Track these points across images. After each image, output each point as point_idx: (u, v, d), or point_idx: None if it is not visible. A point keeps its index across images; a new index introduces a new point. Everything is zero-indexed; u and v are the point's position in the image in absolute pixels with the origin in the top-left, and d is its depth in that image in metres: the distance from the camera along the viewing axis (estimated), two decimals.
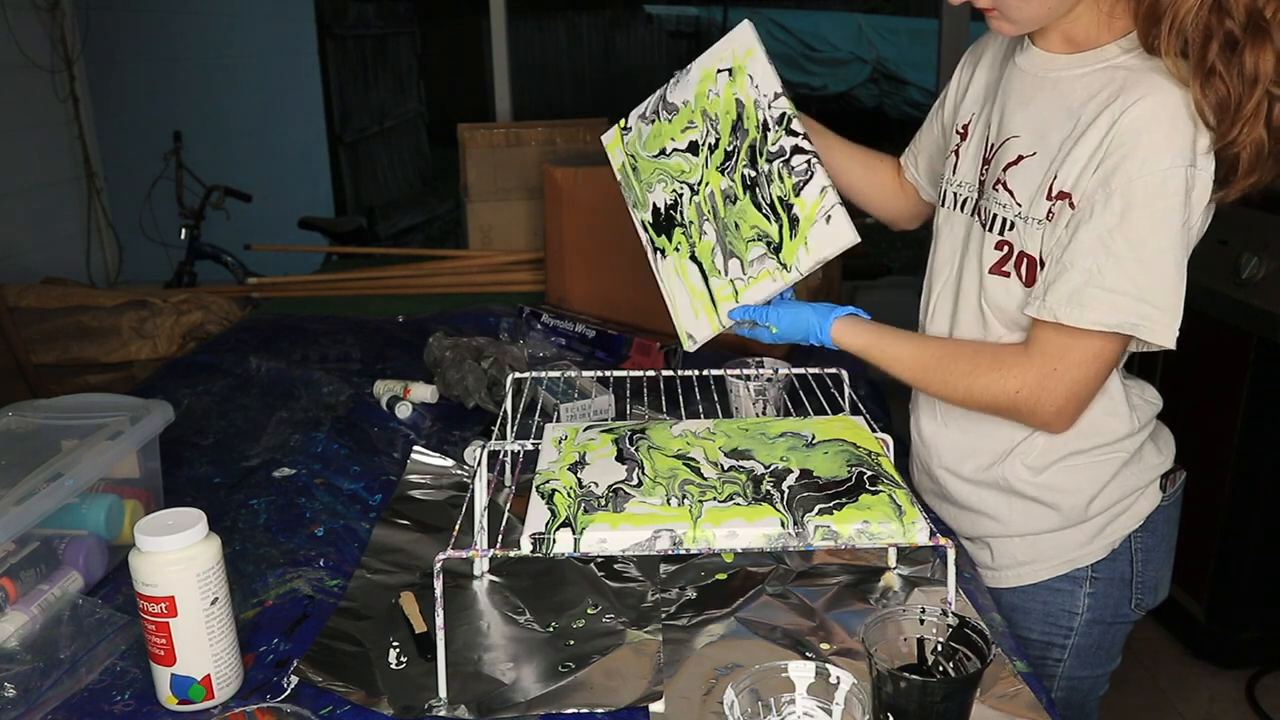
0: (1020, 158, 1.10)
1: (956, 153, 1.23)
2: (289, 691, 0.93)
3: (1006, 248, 1.11)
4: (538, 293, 2.26)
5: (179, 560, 0.88)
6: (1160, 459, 1.19)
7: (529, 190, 2.47)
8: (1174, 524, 1.23)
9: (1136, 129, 0.98)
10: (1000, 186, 1.12)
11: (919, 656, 0.84)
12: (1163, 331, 1.01)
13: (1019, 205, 1.09)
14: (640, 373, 1.29)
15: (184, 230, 3.89)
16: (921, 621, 0.84)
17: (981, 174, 1.17)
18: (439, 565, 0.87)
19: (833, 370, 1.24)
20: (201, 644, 0.90)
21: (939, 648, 0.84)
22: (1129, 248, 0.99)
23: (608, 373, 1.28)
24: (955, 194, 1.22)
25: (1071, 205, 1.04)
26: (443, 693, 0.91)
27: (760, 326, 1.16)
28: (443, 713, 0.90)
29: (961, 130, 1.23)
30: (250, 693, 0.94)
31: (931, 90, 4.46)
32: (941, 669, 0.84)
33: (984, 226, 1.14)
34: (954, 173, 1.22)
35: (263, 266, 3.78)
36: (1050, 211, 1.06)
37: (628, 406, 1.33)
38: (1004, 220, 1.11)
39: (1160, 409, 1.21)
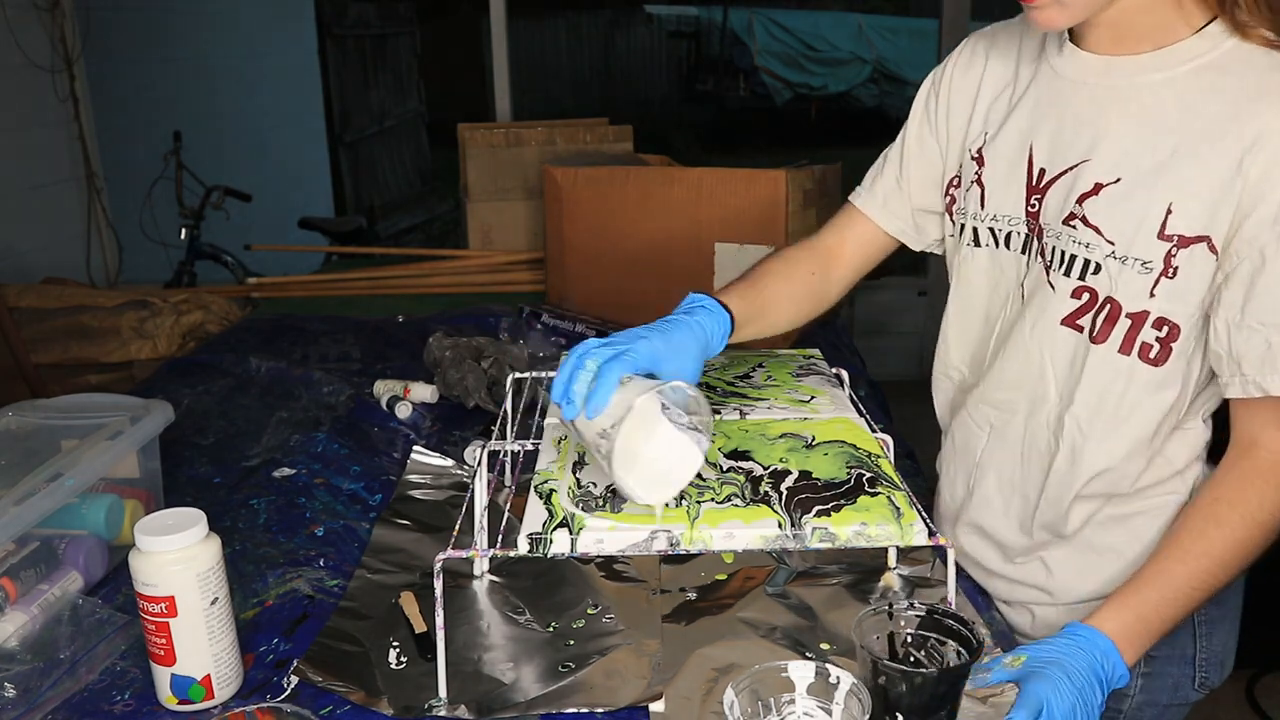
0: (1099, 186, 0.93)
1: (979, 182, 1.05)
2: (289, 691, 0.93)
3: (1087, 295, 0.95)
4: (538, 293, 2.26)
5: (179, 560, 0.88)
6: None
7: (529, 190, 2.48)
8: (1240, 585, 1.08)
9: None
10: (1078, 222, 0.95)
11: (890, 651, 0.85)
12: None
13: (1110, 243, 0.92)
14: None
15: (184, 230, 3.89)
16: (890, 615, 0.85)
17: (1031, 205, 1.00)
18: (439, 565, 0.87)
19: (834, 370, 1.24)
20: (201, 644, 0.90)
21: (909, 639, 0.85)
22: None
23: None
24: (994, 230, 1.05)
25: (1214, 251, 0.88)
26: (443, 693, 0.91)
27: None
28: (443, 713, 0.90)
29: (978, 155, 1.06)
30: (250, 693, 0.94)
31: None
32: (913, 659, 0.85)
33: (1049, 269, 0.98)
34: (983, 205, 1.05)
35: (263, 266, 3.78)
36: (1169, 257, 0.90)
37: None
38: (1086, 262, 0.95)
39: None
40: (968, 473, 1.14)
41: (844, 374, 1.21)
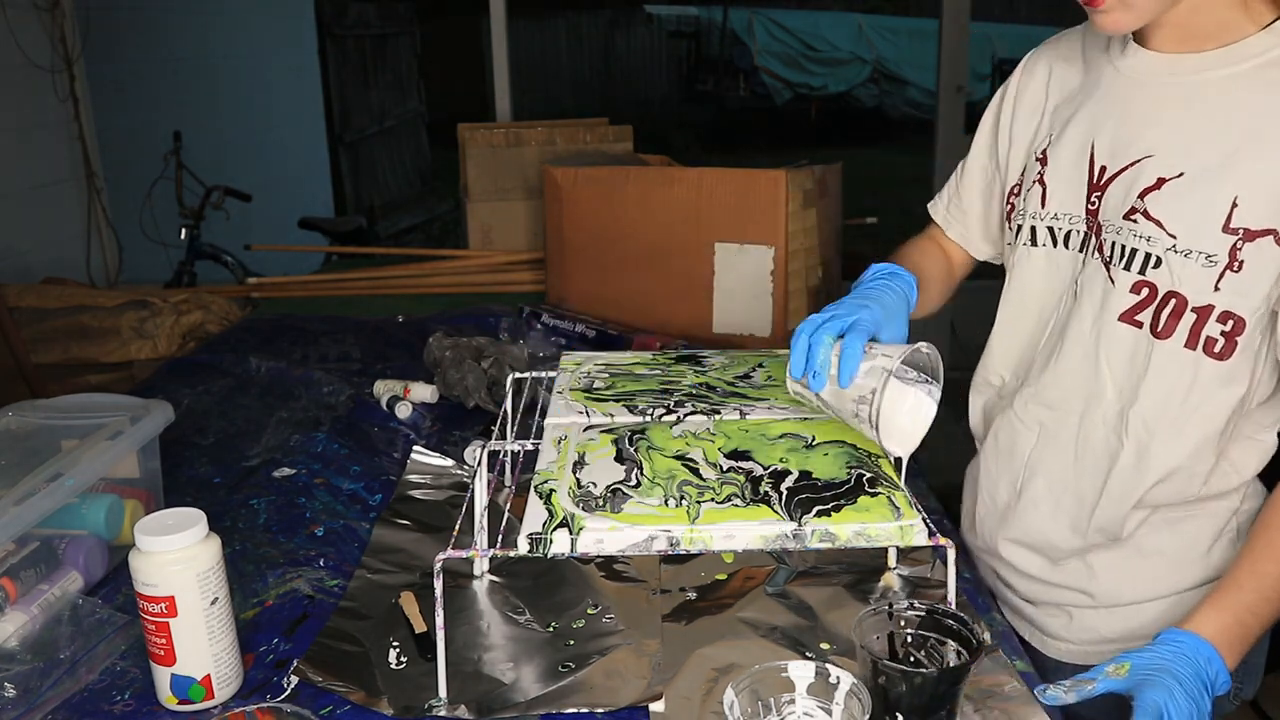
0: (1161, 180, 0.94)
1: (1041, 181, 1.06)
2: (289, 691, 0.93)
3: (1147, 289, 0.95)
4: (538, 293, 2.26)
5: (179, 560, 0.88)
6: None
7: (529, 190, 2.48)
8: None
9: None
10: (1140, 216, 0.95)
11: (890, 651, 0.86)
12: None
13: (1171, 237, 0.93)
14: None
15: (184, 230, 3.89)
16: (890, 615, 0.85)
17: (1091, 202, 1.01)
18: (439, 565, 0.87)
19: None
20: (201, 644, 0.90)
21: (909, 639, 0.86)
22: None
23: None
24: (1052, 229, 1.05)
25: None
26: (443, 693, 0.91)
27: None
28: (443, 713, 0.90)
29: (1041, 156, 1.06)
30: (250, 693, 0.94)
31: (931, 90, 4.45)
32: (913, 659, 0.86)
33: (1108, 264, 0.98)
34: (1044, 204, 1.05)
35: (263, 266, 3.78)
36: (1235, 250, 0.90)
37: None
38: (1148, 256, 0.95)
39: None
40: (1014, 475, 1.12)
41: None
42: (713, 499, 0.89)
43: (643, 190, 1.89)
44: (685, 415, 1.07)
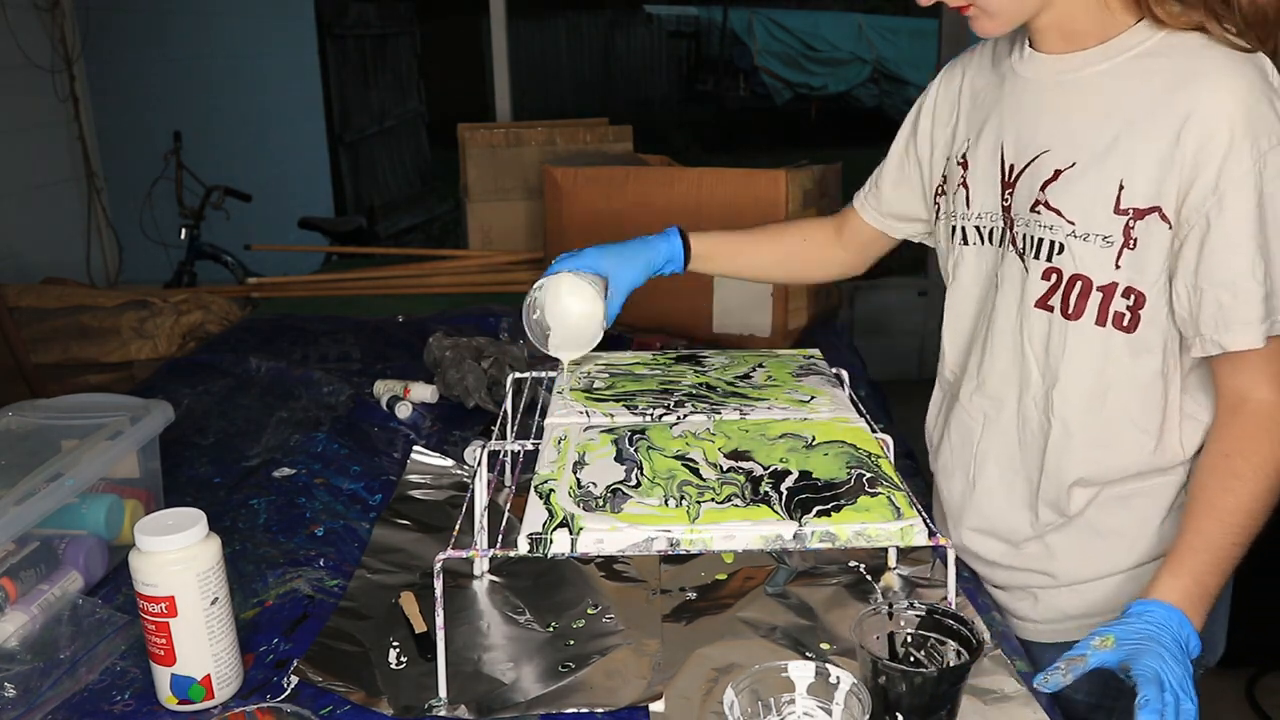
0: (1058, 172, 1.01)
1: (965, 185, 1.13)
2: (289, 691, 0.93)
3: (1055, 275, 1.02)
4: None
5: (179, 560, 0.88)
6: None
7: (529, 190, 2.48)
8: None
9: (1215, 124, 0.91)
10: (1042, 207, 1.02)
11: (890, 651, 0.86)
12: None
13: (1070, 223, 1.00)
14: None
15: (184, 230, 3.89)
16: (890, 615, 0.85)
17: (1005, 199, 1.07)
18: (439, 565, 0.87)
19: (834, 370, 1.24)
20: (201, 644, 0.90)
21: (909, 639, 0.86)
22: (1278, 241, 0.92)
23: None
24: (979, 228, 1.12)
25: (1166, 220, 0.95)
26: (443, 693, 0.91)
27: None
28: (443, 713, 0.90)
29: (962, 160, 1.13)
30: (250, 693, 0.94)
31: None
32: (913, 659, 0.86)
33: (1023, 255, 1.05)
34: (969, 205, 1.12)
35: (263, 266, 3.78)
36: (1128, 229, 0.96)
37: None
38: (1052, 244, 1.01)
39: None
40: (966, 466, 1.17)
41: (844, 374, 1.21)
42: (713, 499, 0.89)
43: (643, 190, 1.89)
44: (685, 415, 1.08)
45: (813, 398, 1.12)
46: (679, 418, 1.07)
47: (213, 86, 5.08)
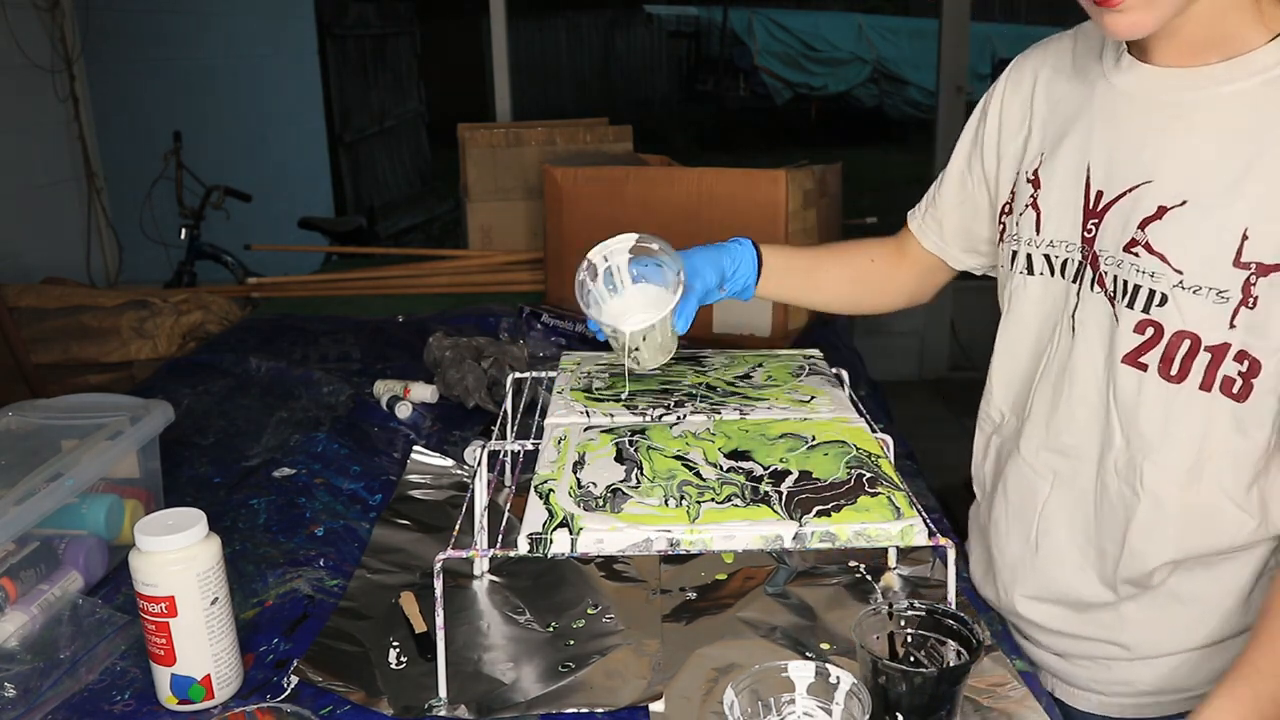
0: (1162, 210, 0.86)
1: (1035, 206, 0.98)
2: (289, 691, 0.93)
3: (1152, 329, 0.88)
4: (538, 293, 2.26)
5: (179, 560, 0.88)
6: None
7: (529, 190, 2.48)
8: None
9: None
10: (1141, 249, 0.87)
11: (890, 651, 0.86)
12: None
13: (1178, 273, 0.85)
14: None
15: (184, 230, 3.89)
16: (890, 615, 0.85)
17: (1087, 230, 0.93)
18: (439, 565, 0.87)
19: (834, 370, 1.24)
20: (201, 644, 0.90)
21: (909, 639, 0.86)
22: None
23: None
24: (1049, 256, 0.98)
25: None
26: (443, 693, 0.91)
27: None
28: (443, 713, 0.90)
29: (1033, 177, 0.99)
30: (250, 693, 0.94)
31: (931, 90, 4.45)
32: (913, 659, 0.86)
33: (1111, 300, 0.91)
34: (1038, 230, 0.98)
35: (263, 266, 3.78)
36: (1249, 285, 0.82)
37: None
38: (1152, 293, 0.87)
39: None
40: (1027, 527, 1.04)
41: (844, 374, 1.21)
42: (713, 499, 0.89)
43: (643, 190, 1.89)
44: (685, 415, 1.08)
45: (813, 398, 1.12)
46: (679, 418, 1.07)
47: (213, 86, 5.08)
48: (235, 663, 0.93)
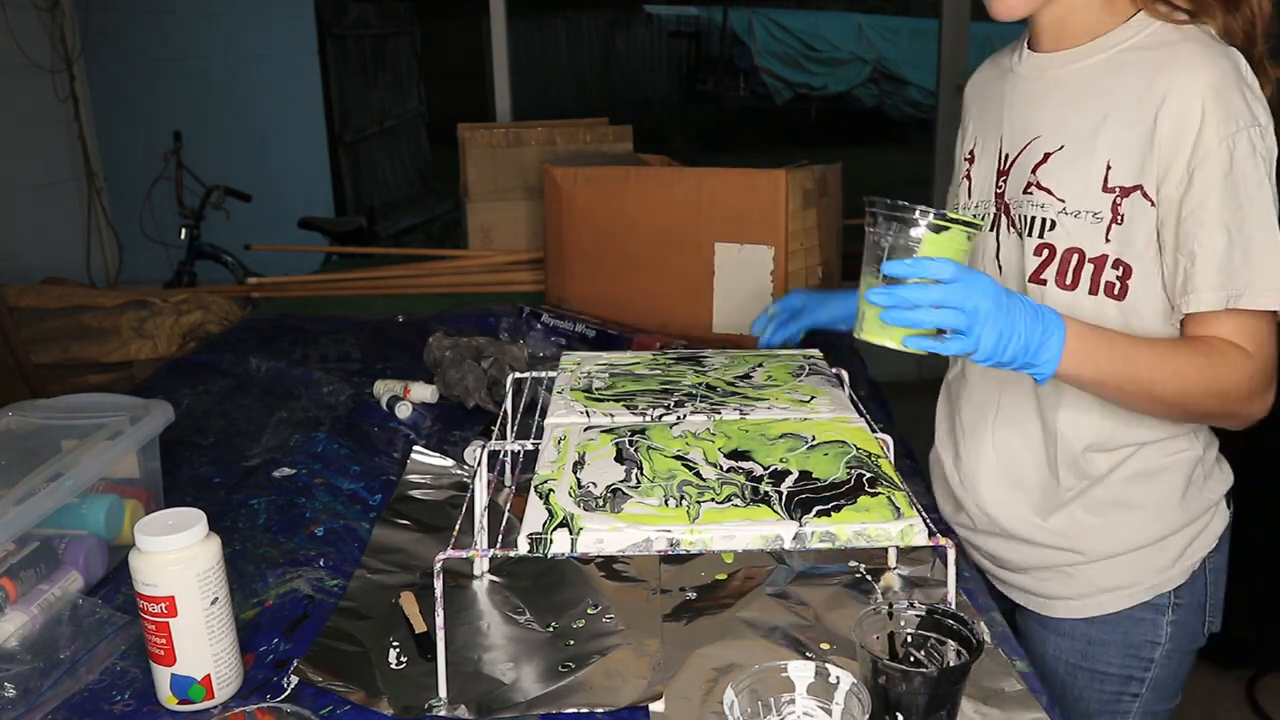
0: (1047, 155, 1.09)
1: (969, 177, 1.21)
2: (289, 691, 0.93)
3: (1047, 250, 1.08)
4: (538, 293, 2.26)
5: (179, 560, 0.88)
6: (1226, 473, 1.18)
7: (529, 190, 2.48)
8: (1227, 538, 1.19)
9: (1188, 106, 0.98)
10: (1034, 188, 1.10)
11: (890, 652, 0.86)
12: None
13: (1060, 201, 1.07)
14: None
15: (184, 230, 3.89)
16: (890, 616, 0.85)
17: (999, 186, 1.16)
18: (439, 565, 0.87)
19: (834, 370, 1.24)
20: (201, 644, 0.90)
21: (909, 639, 0.86)
22: (1240, 223, 0.98)
23: None
24: (975, 216, 1.13)
25: (1148, 198, 1.02)
26: (443, 693, 0.91)
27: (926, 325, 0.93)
28: (443, 713, 0.90)
29: (969, 156, 1.22)
30: (250, 693, 0.94)
31: (931, 90, 4.45)
32: (914, 659, 0.86)
33: (1019, 234, 1.12)
34: (970, 195, 1.21)
35: (263, 266, 3.78)
36: (1116, 206, 1.03)
37: None
38: (1044, 221, 1.09)
39: None
40: (983, 434, 1.21)
41: (844, 374, 1.21)
42: (713, 499, 0.89)
43: (643, 190, 1.89)
44: (685, 415, 1.08)
45: (813, 398, 1.12)
46: (679, 418, 1.07)
47: (213, 86, 5.09)
48: (235, 663, 0.93)
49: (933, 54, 4.09)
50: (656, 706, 0.90)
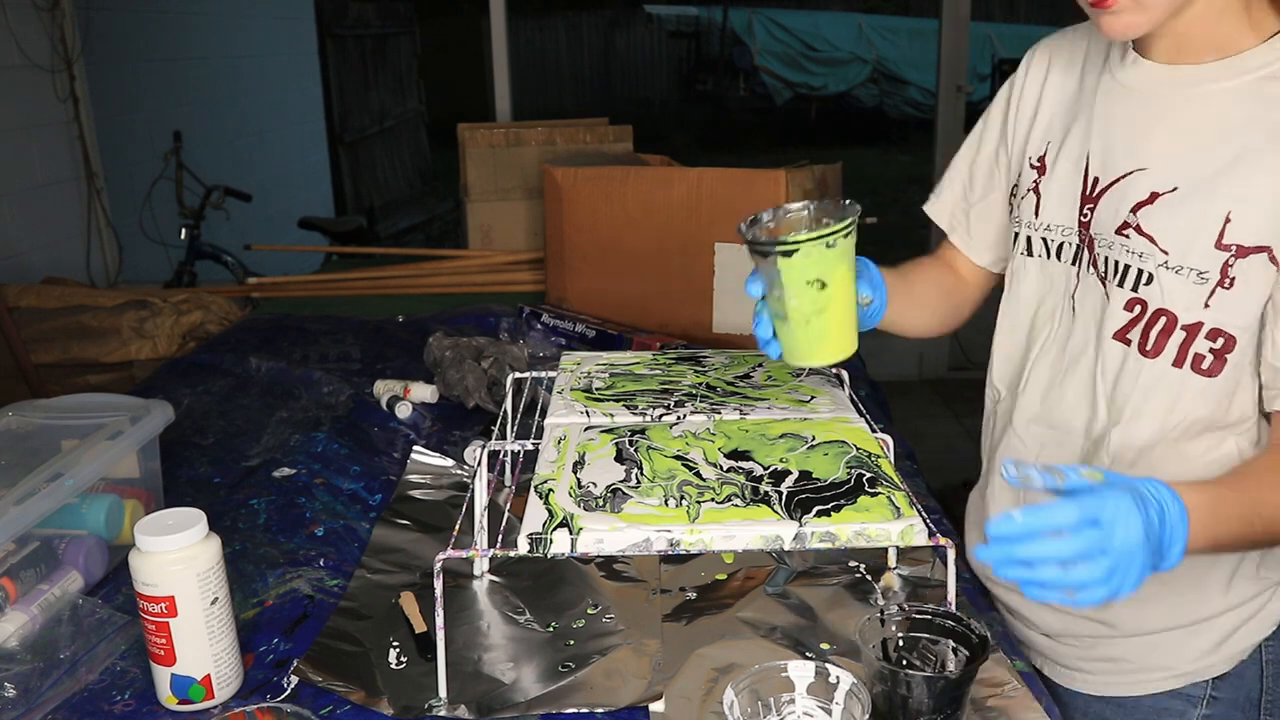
0: (1154, 195, 0.91)
1: (1036, 190, 1.04)
2: (289, 691, 0.93)
3: (1139, 307, 0.93)
4: (538, 293, 2.26)
5: (179, 560, 0.88)
6: None
7: (529, 190, 2.48)
8: None
9: None
10: (1132, 231, 0.93)
11: (883, 656, 0.85)
12: None
13: (1164, 253, 0.90)
14: None
15: (184, 230, 3.89)
16: (882, 622, 0.85)
17: (1083, 215, 0.98)
18: (439, 565, 0.87)
19: (834, 370, 1.24)
20: (201, 644, 0.90)
21: (909, 641, 0.86)
22: None
23: None
24: (1046, 240, 1.03)
25: (1275, 262, 0.86)
26: (443, 693, 0.91)
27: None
28: (443, 713, 0.90)
29: (1038, 164, 1.04)
30: (250, 693, 0.94)
31: (931, 90, 4.45)
32: (914, 661, 0.86)
33: (1103, 280, 0.96)
34: (1037, 214, 1.03)
35: (263, 266, 3.78)
36: (1227, 267, 0.87)
37: None
38: (1140, 273, 0.92)
39: None
40: (1016, 496, 1.08)
41: (844, 374, 1.21)
42: (713, 499, 0.89)
43: (643, 190, 1.89)
44: (685, 415, 1.08)
45: (813, 398, 1.12)
46: (679, 418, 1.07)
47: (213, 86, 5.08)
48: (235, 663, 0.93)
49: (933, 54, 4.09)
50: (656, 706, 0.90)
